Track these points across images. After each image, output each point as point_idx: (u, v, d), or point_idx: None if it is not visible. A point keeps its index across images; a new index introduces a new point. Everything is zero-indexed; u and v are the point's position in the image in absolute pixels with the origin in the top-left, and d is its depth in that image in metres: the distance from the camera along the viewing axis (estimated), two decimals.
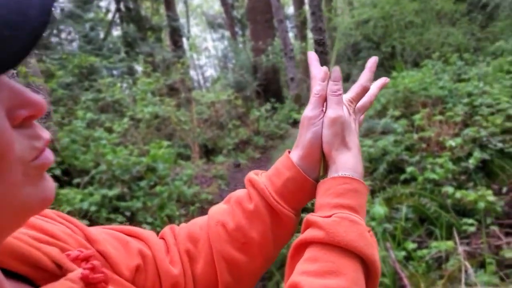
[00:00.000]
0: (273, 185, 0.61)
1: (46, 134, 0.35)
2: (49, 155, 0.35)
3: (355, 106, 0.66)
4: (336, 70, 0.63)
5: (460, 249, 2.11)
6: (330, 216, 0.53)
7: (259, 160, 6.48)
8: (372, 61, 0.69)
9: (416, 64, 7.73)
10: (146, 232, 0.62)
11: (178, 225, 0.68)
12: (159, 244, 0.61)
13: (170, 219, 4.18)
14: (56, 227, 0.48)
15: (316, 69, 0.67)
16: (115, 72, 9.64)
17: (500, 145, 3.46)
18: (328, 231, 0.51)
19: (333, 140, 0.60)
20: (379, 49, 10.13)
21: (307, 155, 0.61)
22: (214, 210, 0.66)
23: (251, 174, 0.65)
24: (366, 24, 10.08)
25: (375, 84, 0.71)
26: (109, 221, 3.76)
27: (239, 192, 0.66)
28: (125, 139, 5.63)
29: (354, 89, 0.66)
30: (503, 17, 8.20)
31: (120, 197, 4.10)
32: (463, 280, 1.85)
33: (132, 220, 4.01)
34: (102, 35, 11.07)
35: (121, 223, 3.78)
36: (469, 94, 4.41)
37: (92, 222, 3.72)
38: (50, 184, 0.35)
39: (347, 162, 0.59)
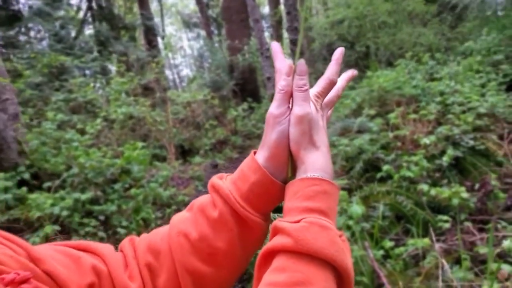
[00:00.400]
0: (238, 190, 0.57)
1: None
2: None
3: (322, 101, 0.63)
4: (301, 63, 0.59)
5: (437, 246, 2.14)
6: (298, 221, 0.50)
7: (237, 160, 6.44)
8: (338, 53, 0.65)
9: (389, 64, 7.88)
10: (101, 246, 0.59)
11: (155, 227, 0.64)
12: (116, 258, 0.57)
13: (146, 222, 4.09)
14: None
15: (281, 63, 0.62)
16: (87, 71, 9.39)
17: (471, 142, 3.55)
18: (296, 238, 0.48)
19: (300, 139, 0.57)
20: (353, 49, 10.27)
21: (273, 156, 0.58)
22: (175, 218, 0.61)
23: (215, 179, 0.61)
24: (340, 24, 10.20)
25: (342, 77, 0.68)
26: (82, 225, 3.64)
27: (202, 199, 0.61)
28: (98, 140, 5.47)
29: (321, 83, 0.63)
30: (471, 18, 8.47)
31: (94, 201, 3.97)
32: (440, 278, 1.87)
33: (106, 224, 3.89)
34: (73, 34, 10.75)
35: (94, 227, 3.67)
36: (441, 93, 4.51)
37: (64, 228, 3.59)
38: None
39: (316, 162, 0.56)
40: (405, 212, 2.92)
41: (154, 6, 19.05)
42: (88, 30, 12.46)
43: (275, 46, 0.64)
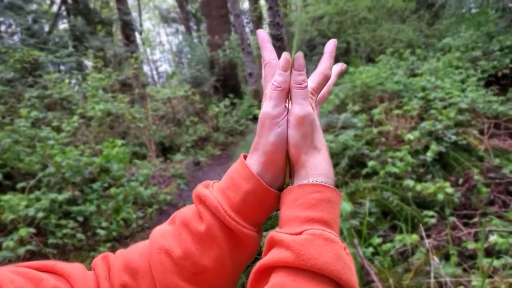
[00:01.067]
0: (228, 200, 0.51)
1: None
2: None
3: (317, 98, 0.56)
4: (300, 57, 0.53)
5: (427, 242, 2.13)
6: (300, 233, 0.44)
7: (220, 157, 6.35)
8: (331, 45, 0.58)
9: (370, 60, 7.93)
10: (69, 266, 0.51)
11: (136, 228, 0.56)
12: (86, 279, 0.51)
13: (127, 223, 3.97)
14: None
15: (269, 54, 0.56)
16: (62, 67, 9.09)
17: (454, 137, 3.58)
18: (298, 253, 0.42)
19: (301, 142, 0.51)
20: None
21: (270, 162, 0.51)
22: (156, 233, 0.54)
23: (200, 188, 0.53)
24: (321, 20, 10.21)
25: (333, 72, 0.62)
26: (59, 227, 3.50)
27: (186, 211, 0.54)
28: (75, 138, 5.29)
29: (315, 78, 0.56)
30: (448, 16, 8.62)
31: (71, 201, 3.83)
32: (432, 274, 1.85)
33: (85, 225, 3.76)
34: (46, 28, 10.39)
35: (72, 229, 3.54)
36: (423, 89, 4.54)
37: (40, 230, 3.44)
38: None
39: (319, 166, 0.50)
40: (391, 208, 2.91)
41: (131, 0, 18.65)
42: (63, 25, 12.09)
43: (262, 34, 0.57)
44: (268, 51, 0.56)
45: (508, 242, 2.06)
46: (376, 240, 2.47)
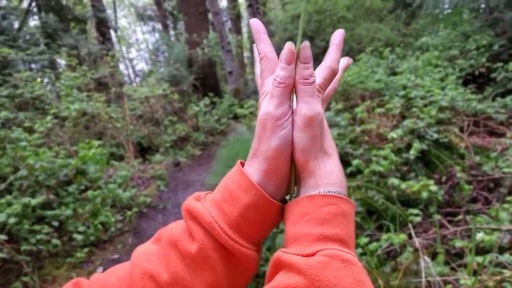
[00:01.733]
0: (224, 215, 0.44)
1: None
2: None
3: (323, 95, 0.50)
4: (306, 47, 0.46)
5: (416, 241, 2.11)
6: (313, 254, 0.38)
7: (200, 157, 6.24)
8: (339, 36, 0.52)
9: None
10: None
11: (114, 232, 0.48)
12: None
13: (105, 227, 3.83)
14: None
15: (266, 46, 0.49)
16: (33, 65, 8.75)
17: (435, 135, 3.60)
18: (312, 278, 0.36)
19: (310, 146, 0.44)
20: (313, 44, 10.35)
21: (272, 170, 0.45)
22: (138, 254, 0.46)
23: (191, 201, 0.46)
24: (300, 18, 10.24)
25: (339, 67, 0.54)
26: (33, 233, 3.33)
27: (174, 227, 0.46)
28: (49, 139, 5.08)
29: (321, 73, 0.49)
30: (424, 15, 8.80)
31: (46, 205, 3.66)
32: (423, 274, 1.83)
33: (60, 230, 3.60)
34: (16, 25, 9.99)
35: (47, 234, 3.38)
36: (404, 87, 4.57)
37: (12, 236, 3.27)
38: None
39: (330, 174, 0.44)
40: (377, 207, 2.90)
41: None
42: (33, 21, 11.66)
43: (256, 24, 0.49)
44: (264, 43, 0.49)
45: (493, 240, 2.06)
46: (363, 240, 2.44)
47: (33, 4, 11.04)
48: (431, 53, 5.77)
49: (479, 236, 2.14)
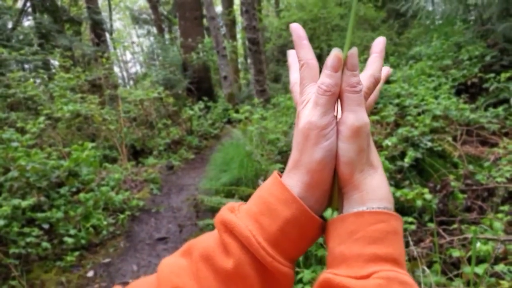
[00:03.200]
0: (262, 230, 0.41)
1: None
2: None
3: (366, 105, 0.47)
4: (354, 54, 0.44)
5: (415, 250, 2.11)
6: (368, 277, 0.36)
7: (194, 161, 6.21)
8: (381, 44, 0.50)
9: None
10: None
11: (106, 235, 0.45)
12: None
13: (97, 230, 3.78)
14: None
15: (307, 53, 0.46)
16: (26, 66, 8.68)
17: (429, 144, 3.63)
18: None
19: (356, 159, 0.42)
20: None
21: (316, 183, 0.42)
22: (166, 268, 0.42)
23: (225, 213, 0.43)
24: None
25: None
26: (22, 235, 3.27)
27: (206, 240, 0.43)
28: (41, 140, 5.02)
29: (365, 82, 0.46)
30: (416, 26, 8.91)
31: (36, 207, 3.60)
32: (422, 284, 1.82)
33: (51, 233, 3.54)
34: (10, 25, 9.91)
35: (37, 237, 3.32)
36: (398, 95, 4.61)
37: (1, 239, 3.21)
38: None
39: (378, 189, 0.42)
40: None
41: (101, 0, 18.17)
42: (28, 22, 11.58)
43: (298, 30, 0.47)
44: (305, 49, 0.47)
45: (490, 250, 2.07)
46: None
47: (28, 4, 10.97)
48: (425, 62, 5.83)
49: (477, 246, 2.14)
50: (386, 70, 0.55)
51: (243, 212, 0.43)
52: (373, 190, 0.42)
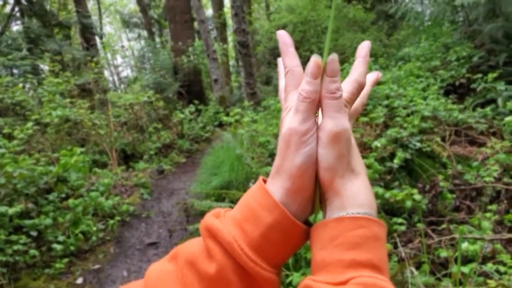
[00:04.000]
0: (245, 235, 0.41)
1: None
2: None
3: (350, 110, 0.46)
4: (334, 60, 0.43)
5: (402, 251, 2.12)
6: (345, 283, 0.36)
7: (185, 165, 6.18)
8: (365, 48, 0.49)
9: None
10: None
11: (96, 241, 0.46)
12: None
13: (86, 236, 3.74)
14: None
15: (293, 60, 0.46)
16: (15, 71, 8.60)
17: (418, 144, 3.65)
18: None
19: (336, 164, 0.42)
20: (297, 53, 10.45)
21: (297, 189, 0.42)
22: (153, 274, 0.43)
23: (210, 218, 0.44)
24: (285, 28, 10.33)
25: (368, 80, 0.52)
26: (9, 243, 3.23)
27: (191, 246, 0.44)
28: (29, 146, 4.97)
29: (348, 87, 0.46)
30: (405, 27, 8.99)
31: (24, 214, 3.55)
32: (409, 285, 1.83)
33: (39, 240, 3.50)
34: None
35: (25, 244, 3.28)
36: (387, 97, 4.63)
37: None
38: None
39: (359, 195, 0.42)
40: None
41: (91, 4, 18.08)
42: (16, 26, 11.48)
43: (284, 37, 0.47)
44: (291, 57, 0.47)
45: (477, 249, 2.08)
46: None
47: (16, 8, 10.87)
48: (413, 63, 5.88)
49: (464, 245, 2.16)
50: (376, 74, 0.54)
51: (228, 218, 0.43)
52: (354, 196, 0.42)
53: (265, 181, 0.45)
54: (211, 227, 0.42)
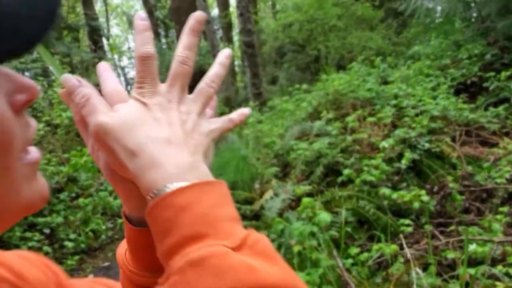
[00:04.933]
0: (128, 250, 0.50)
1: (33, 122, 0.34)
2: (35, 151, 0.33)
3: (154, 88, 0.44)
4: (68, 78, 0.43)
5: (408, 252, 2.11)
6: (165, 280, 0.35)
7: None
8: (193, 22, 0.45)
9: (340, 67, 8.00)
10: None
11: (105, 239, 0.59)
12: None
13: (96, 234, 3.81)
14: (31, 272, 0.41)
15: (112, 83, 0.44)
16: (27, 73, 8.73)
17: (427, 145, 3.61)
18: None
19: (113, 161, 0.40)
20: (304, 52, 10.38)
21: (122, 193, 0.45)
22: None
23: (120, 246, 0.52)
24: (291, 27, 10.27)
25: (218, 61, 0.48)
26: (24, 240, 3.30)
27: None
28: (41, 147, 5.04)
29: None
30: (415, 25, 8.84)
31: (37, 213, 3.62)
32: (414, 286, 1.82)
33: (52, 237, 3.56)
34: None
35: (39, 241, 3.35)
36: (396, 96, 4.59)
37: (4, 243, 3.24)
38: (44, 181, 0.35)
39: (145, 177, 0.37)
40: (368, 217, 2.89)
41: (98, 6, 18.23)
42: None
43: (102, 65, 0.46)
44: (110, 80, 0.45)
45: (485, 251, 2.07)
46: (354, 250, 2.43)
47: None
48: (423, 62, 5.81)
49: (472, 247, 2.14)
50: (226, 53, 0.50)
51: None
52: (142, 179, 0.38)
53: None
54: (116, 254, 0.52)
